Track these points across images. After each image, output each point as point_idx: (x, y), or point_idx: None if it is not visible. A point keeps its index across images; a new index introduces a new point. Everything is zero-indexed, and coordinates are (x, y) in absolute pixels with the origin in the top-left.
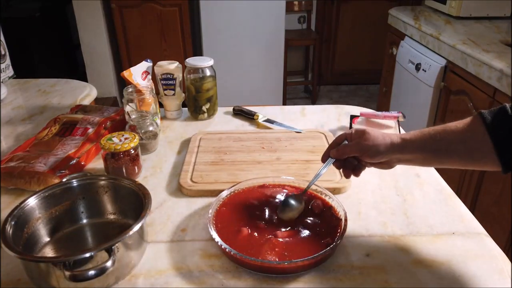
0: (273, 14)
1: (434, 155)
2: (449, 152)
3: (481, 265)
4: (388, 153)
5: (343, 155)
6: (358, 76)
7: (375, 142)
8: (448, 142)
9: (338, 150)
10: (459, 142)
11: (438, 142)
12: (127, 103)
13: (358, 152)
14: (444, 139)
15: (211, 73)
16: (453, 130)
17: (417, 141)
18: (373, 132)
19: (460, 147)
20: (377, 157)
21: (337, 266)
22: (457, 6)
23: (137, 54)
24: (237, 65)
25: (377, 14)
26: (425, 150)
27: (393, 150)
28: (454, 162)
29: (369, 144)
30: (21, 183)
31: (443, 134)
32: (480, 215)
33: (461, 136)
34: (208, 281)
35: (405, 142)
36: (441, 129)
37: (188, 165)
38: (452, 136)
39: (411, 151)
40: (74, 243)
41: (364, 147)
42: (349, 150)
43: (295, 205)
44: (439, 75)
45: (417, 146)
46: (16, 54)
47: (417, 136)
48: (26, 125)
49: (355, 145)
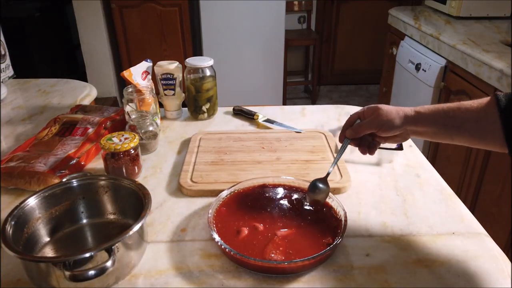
0: (273, 14)
1: (446, 130)
2: (460, 129)
3: (481, 265)
4: (403, 125)
5: (359, 133)
6: (358, 76)
7: (389, 116)
8: (461, 120)
9: (354, 129)
10: (472, 120)
11: (451, 118)
12: (127, 103)
13: (374, 128)
14: (458, 116)
15: (211, 73)
16: (467, 108)
17: (431, 115)
18: (386, 107)
19: (472, 125)
20: (393, 131)
21: (337, 266)
22: (457, 6)
23: (137, 54)
24: (237, 65)
25: (377, 14)
26: (437, 124)
27: (408, 122)
28: (464, 140)
29: (384, 119)
30: (21, 183)
31: (457, 111)
32: (480, 215)
33: (474, 115)
34: (208, 281)
35: (418, 115)
36: (455, 106)
37: (188, 165)
38: (465, 114)
39: (424, 123)
40: (74, 243)
41: (379, 122)
42: (365, 127)
43: (323, 188)
44: (439, 75)
45: (430, 119)
46: (16, 54)
47: (431, 110)
48: (26, 125)
49: (370, 122)
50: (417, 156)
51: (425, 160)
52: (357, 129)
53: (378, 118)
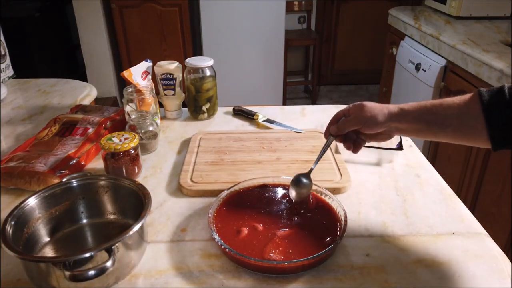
0: (273, 14)
1: (428, 127)
2: (443, 125)
3: (481, 265)
4: (386, 122)
5: (343, 130)
6: (358, 76)
7: (372, 112)
8: (444, 116)
9: (338, 125)
10: (455, 117)
11: (434, 115)
12: (127, 103)
13: (357, 125)
14: (440, 113)
15: (211, 73)
16: (450, 104)
17: (414, 112)
18: (370, 104)
19: (454, 122)
20: (376, 127)
21: (337, 266)
22: (457, 6)
23: (137, 54)
24: (237, 65)
25: (377, 14)
26: (420, 120)
27: (391, 119)
28: (447, 136)
29: (367, 115)
30: (21, 183)
31: (440, 108)
32: (480, 215)
33: (457, 111)
34: (208, 281)
35: (402, 111)
36: (438, 103)
37: (188, 165)
38: (448, 111)
39: (408, 120)
40: (74, 243)
41: (363, 119)
42: (349, 124)
43: (305, 182)
44: (439, 75)
45: (413, 116)
46: (16, 54)
47: (414, 107)
48: (26, 125)
49: (354, 118)
50: (417, 156)
51: (425, 160)
52: (341, 126)
53: (361, 115)
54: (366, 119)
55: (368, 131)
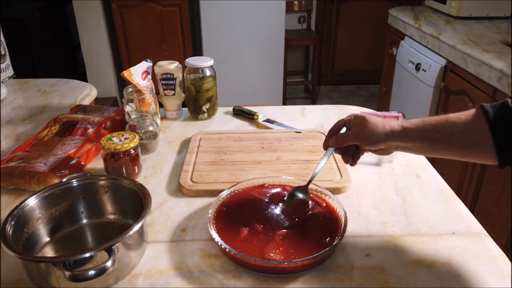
0: (273, 14)
1: (433, 144)
2: (449, 143)
3: (481, 265)
4: (388, 140)
5: (343, 143)
6: (358, 76)
7: (375, 130)
8: (450, 133)
9: (337, 138)
10: (461, 134)
11: (440, 132)
12: (127, 103)
13: (357, 141)
14: (446, 130)
15: (211, 73)
16: (455, 121)
17: (418, 130)
18: (372, 120)
19: (461, 139)
20: (377, 145)
21: (337, 266)
22: (457, 6)
23: (137, 54)
24: (237, 65)
25: (377, 14)
26: (425, 139)
27: (394, 138)
28: (453, 153)
29: (369, 132)
30: (21, 183)
31: (445, 125)
32: (480, 215)
33: (463, 128)
34: (208, 281)
35: (406, 130)
36: (443, 119)
37: (188, 165)
38: (453, 128)
39: (411, 139)
40: (74, 243)
41: (364, 136)
42: (349, 139)
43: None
44: (439, 75)
45: (417, 135)
46: (16, 54)
47: (418, 125)
48: (26, 125)
49: (354, 133)
50: (417, 156)
51: (425, 160)
52: (341, 140)
53: (363, 131)
54: (367, 136)
55: (368, 147)
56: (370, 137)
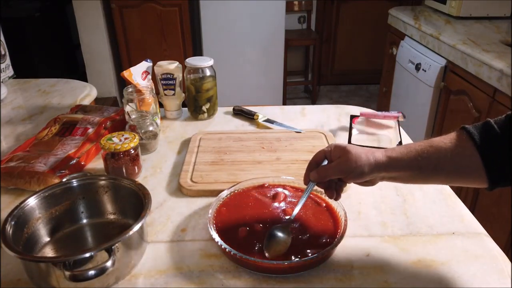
0: (273, 14)
1: (421, 172)
2: (437, 169)
3: (481, 265)
4: (373, 172)
5: (325, 177)
6: (358, 76)
7: (358, 162)
8: (436, 159)
9: (319, 172)
10: (448, 159)
11: (426, 159)
12: (127, 103)
13: (341, 174)
14: (432, 156)
15: (211, 73)
16: (441, 146)
17: (404, 159)
18: (355, 150)
19: (448, 163)
20: (362, 178)
21: (337, 266)
22: (457, 6)
23: (137, 54)
24: (237, 65)
25: (377, 14)
26: (411, 168)
27: (379, 169)
28: (440, 179)
29: (352, 165)
30: (21, 183)
31: (431, 151)
32: (480, 215)
33: (449, 152)
34: (208, 281)
35: (391, 160)
36: (427, 145)
37: (188, 165)
38: (440, 153)
39: (398, 169)
40: (74, 243)
41: (347, 169)
42: (332, 172)
43: (282, 238)
44: (439, 75)
45: (403, 164)
46: (16, 54)
47: (403, 154)
48: (26, 125)
49: (336, 166)
50: None
51: None
52: (323, 173)
53: (346, 164)
54: (351, 169)
55: (352, 181)
56: (353, 171)
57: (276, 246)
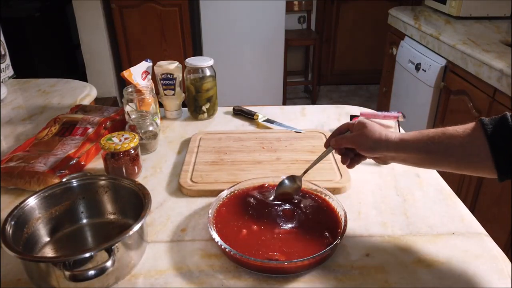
0: (273, 14)
1: (430, 156)
2: (446, 155)
3: (481, 265)
4: (381, 150)
5: (340, 145)
6: (358, 76)
7: (370, 137)
8: (446, 145)
9: (337, 140)
10: (458, 146)
11: (437, 144)
12: (127, 103)
13: (352, 145)
14: (443, 142)
15: (211, 73)
16: (452, 133)
17: (415, 142)
18: (372, 127)
19: (458, 151)
20: (371, 152)
21: (337, 266)
22: (457, 6)
23: (137, 54)
24: (237, 65)
25: (377, 14)
26: (422, 151)
27: (388, 148)
28: (450, 166)
29: (364, 138)
30: (21, 183)
31: (442, 137)
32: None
33: (460, 140)
34: (208, 281)
35: (402, 142)
36: (440, 131)
37: (188, 165)
38: (451, 140)
39: (408, 151)
40: (74, 243)
41: (358, 141)
42: (345, 142)
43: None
44: (439, 75)
45: (414, 146)
46: (16, 54)
47: (415, 137)
48: (26, 125)
49: (351, 137)
50: None
51: None
52: (339, 140)
53: (359, 136)
54: (362, 142)
55: (363, 153)
56: (364, 143)
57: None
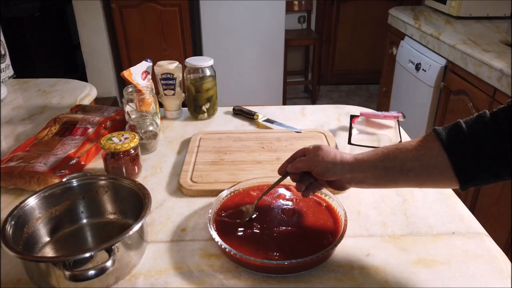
0: (273, 14)
1: (387, 173)
2: (403, 170)
3: (481, 265)
4: (337, 171)
5: (296, 169)
6: (358, 76)
7: (325, 158)
8: (402, 160)
9: (293, 164)
10: (414, 159)
11: (392, 160)
12: (127, 103)
13: (307, 167)
14: (398, 157)
15: (211, 73)
16: (407, 147)
17: (370, 160)
18: (326, 149)
19: (415, 164)
20: (326, 175)
21: (337, 266)
22: (457, 6)
23: (137, 54)
24: (237, 65)
25: (377, 14)
26: (378, 168)
27: (343, 170)
28: (410, 181)
29: (319, 160)
30: (21, 183)
31: (396, 152)
32: (480, 215)
33: (415, 153)
34: (208, 281)
35: (357, 162)
36: (394, 147)
37: (188, 165)
38: (406, 154)
39: (363, 170)
40: (74, 243)
41: (313, 163)
42: (301, 164)
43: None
44: (439, 75)
45: (369, 165)
46: (16, 54)
47: (369, 155)
48: (26, 125)
49: (306, 160)
50: None
51: None
52: (295, 164)
53: (314, 158)
54: (316, 163)
55: (319, 176)
56: (318, 165)
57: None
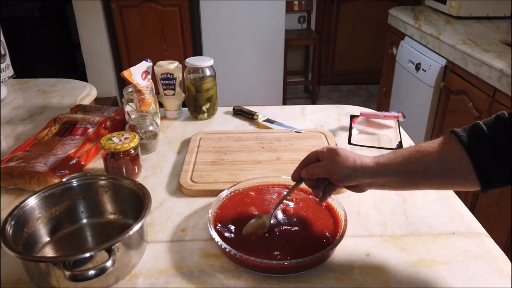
0: (273, 14)
1: (409, 177)
2: (426, 173)
3: (481, 265)
4: (358, 176)
5: (312, 175)
6: (358, 76)
7: (344, 164)
8: (425, 163)
9: (308, 170)
10: (437, 163)
11: (414, 164)
12: (127, 103)
13: (326, 174)
14: (420, 161)
15: (211, 73)
16: (429, 151)
17: (391, 164)
18: (344, 153)
19: (438, 168)
20: (346, 181)
21: (337, 266)
22: (457, 6)
23: (137, 54)
24: (237, 65)
25: (377, 14)
26: (400, 173)
27: (364, 175)
28: (431, 184)
29: (338, 166)
30: (21, 183)
31: (418, 155)
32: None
33: (438, 156)
34: (208, 281)
35: (378, 166)
36: (415, 150)
37: (188, 165)
38: (428, 157)
39: (385, 175)
40: (74, 243)
41: (332, 170)
42: (318, 171)
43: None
44: (439, 75)
45: (392, 169)
46: (16, 54)
47: (390, 159)
48: (26, 125)
49: (323, 166)
50: None
51: None
52: (310, 171)
53: (332, 165)
54: (336, 170)
55: (338, 183)
56: (338, 172)
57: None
